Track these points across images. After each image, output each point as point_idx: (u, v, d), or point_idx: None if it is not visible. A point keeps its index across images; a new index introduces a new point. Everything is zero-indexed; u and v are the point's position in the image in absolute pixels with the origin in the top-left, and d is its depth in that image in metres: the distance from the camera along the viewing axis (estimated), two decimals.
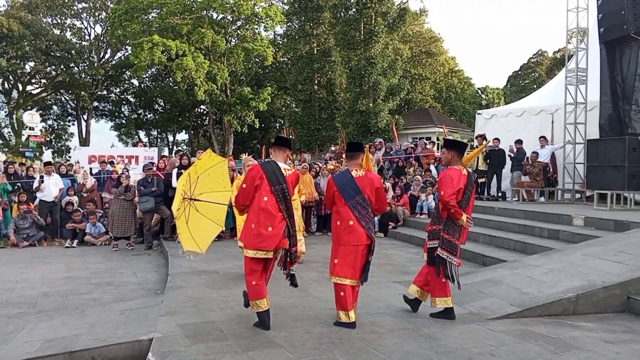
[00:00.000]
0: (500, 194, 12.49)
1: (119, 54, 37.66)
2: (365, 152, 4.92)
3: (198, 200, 5.38)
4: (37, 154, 28.63)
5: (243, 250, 5.75)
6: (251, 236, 4.56)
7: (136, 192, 10.23)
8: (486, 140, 12.42)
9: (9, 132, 37.07)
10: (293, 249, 4.68)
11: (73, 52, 34.86)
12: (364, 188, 4.66)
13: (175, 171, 10.41)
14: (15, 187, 11.42)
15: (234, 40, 32.16)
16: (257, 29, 31.68)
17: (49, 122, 39.74)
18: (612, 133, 10.19)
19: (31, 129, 25.89)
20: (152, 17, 30.10)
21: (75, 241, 10.67)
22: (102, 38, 37.19)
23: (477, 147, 12.99)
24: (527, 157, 12.04)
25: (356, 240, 4.62)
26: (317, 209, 11.35)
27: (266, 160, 4.93)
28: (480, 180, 11.85)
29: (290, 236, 4.64)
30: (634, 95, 9.91)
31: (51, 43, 33.27)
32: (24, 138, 29.11)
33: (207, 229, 5.51)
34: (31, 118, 25.86)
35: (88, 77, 36.33)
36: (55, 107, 40.13)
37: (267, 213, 4.53)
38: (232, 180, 6.45)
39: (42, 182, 11.19)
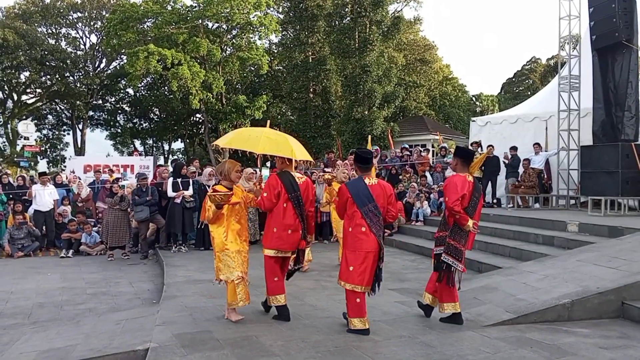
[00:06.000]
0: (495, 201, 12.54)
1: (114, 63, 37.61)
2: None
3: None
4: (32, 163, 28.50)
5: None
6: (273, 239, 5.11)
7: (130, 201, 10.21)
8: (490, 147, 12.43)
9: (4, 142, 36.85)
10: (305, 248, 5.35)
11: (68, 61, 34.81)
12: (377, 196, 4.73)
13: (170, 180, 10.39)
14: (10, 197, 11.38)
15: (229, 49, 32.17)
16: (252, 37, 31.76)
17: (44, 131, 39.53)
18: (606, 139, 10.28)
19: (26, 138, 25.72)
20: (148, 26, 30.05)
21: (71, 251, 10.62)
22: (97, 47, 37.12)
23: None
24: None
25: (368, 247, 4.67)
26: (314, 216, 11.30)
27: (282, 171, 5.24)
28: None
29: (304, 238, 5.23)
30: (627, 101, 10.00)
31: (46, 52, 33.23)
32: (18, 148, 28.98)
33: (281, 144, 5.33)
34: (26, 128, 25.71)
35: (83, 87, 36.27)
36: (50, 117, 39.97)
37: (287, 218, 5.08)
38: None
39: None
